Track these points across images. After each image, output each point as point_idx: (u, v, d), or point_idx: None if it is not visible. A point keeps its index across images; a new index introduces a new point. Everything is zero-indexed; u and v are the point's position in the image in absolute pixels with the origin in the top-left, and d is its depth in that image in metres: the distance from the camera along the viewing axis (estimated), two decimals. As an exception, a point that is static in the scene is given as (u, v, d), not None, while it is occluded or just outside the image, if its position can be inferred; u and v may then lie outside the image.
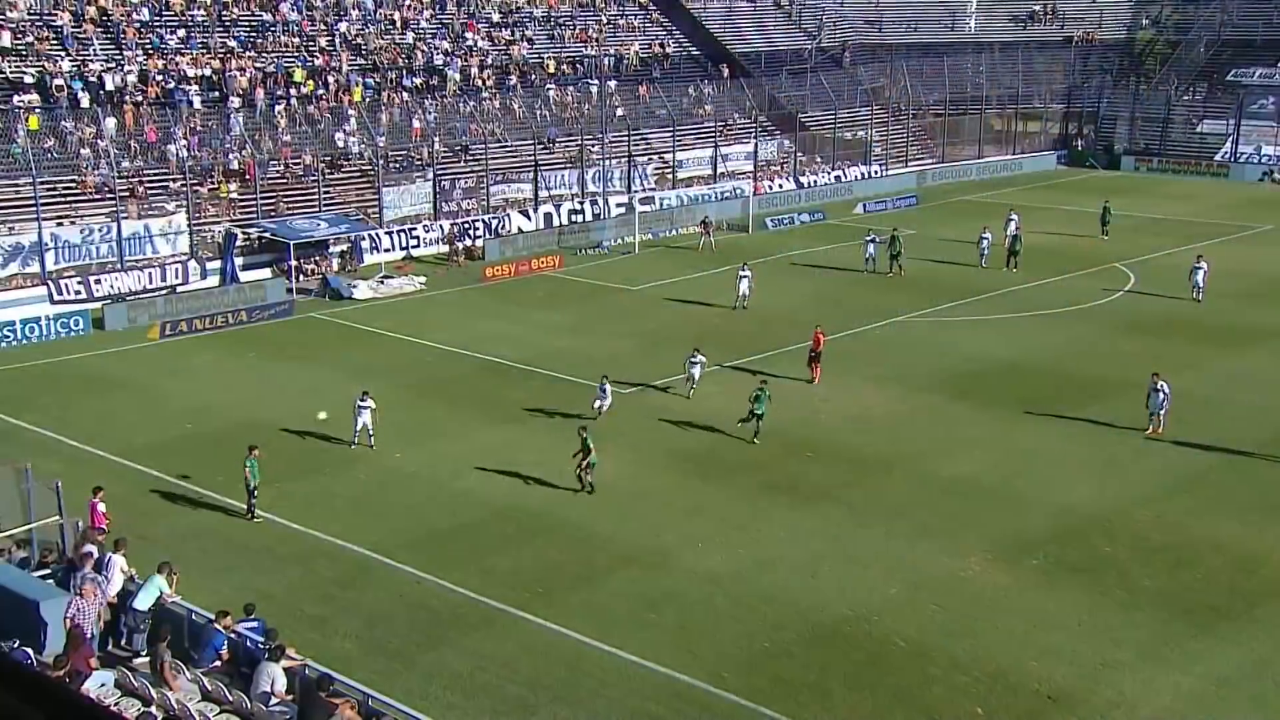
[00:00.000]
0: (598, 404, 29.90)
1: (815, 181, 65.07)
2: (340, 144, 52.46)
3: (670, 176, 60.90)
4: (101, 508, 22.36)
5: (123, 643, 18.30)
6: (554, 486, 26.08)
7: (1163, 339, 36.88)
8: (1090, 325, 39.13)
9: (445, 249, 49.92)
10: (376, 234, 48.92)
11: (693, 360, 31.76)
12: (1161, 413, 29.08)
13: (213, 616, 17.66)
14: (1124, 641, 20.06)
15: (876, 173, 68.29)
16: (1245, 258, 48.38)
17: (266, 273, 45.43)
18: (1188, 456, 27.90)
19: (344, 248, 47.61)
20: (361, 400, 28.32)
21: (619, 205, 56.24)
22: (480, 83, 60.34)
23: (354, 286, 43.84)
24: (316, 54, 57.22)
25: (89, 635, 17.04)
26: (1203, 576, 22.22)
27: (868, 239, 46.90)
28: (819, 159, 67.31)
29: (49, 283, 40.93)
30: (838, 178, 66.33)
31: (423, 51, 60.61)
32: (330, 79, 55.55)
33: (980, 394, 32.29)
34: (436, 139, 54.67)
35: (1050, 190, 66.50)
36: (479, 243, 50.48)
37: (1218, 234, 53.27)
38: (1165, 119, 75.16)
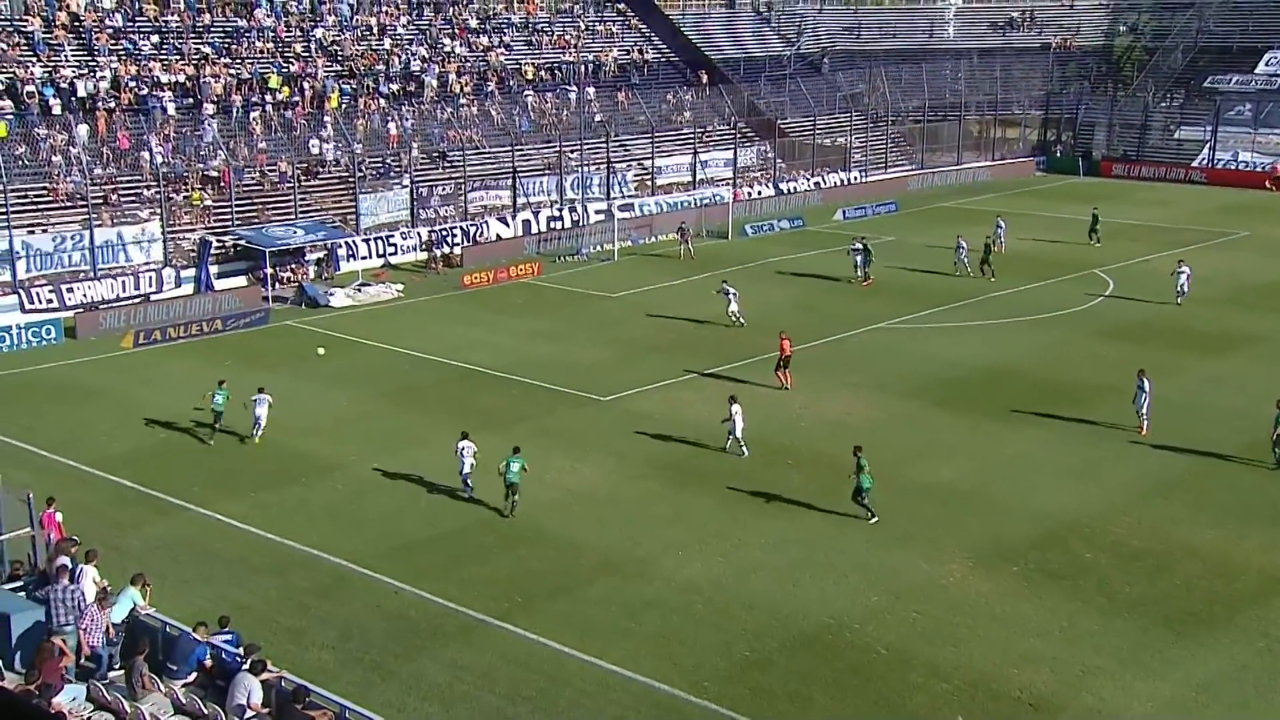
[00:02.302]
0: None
1: (795, 188, 65.26)
2: (316, 151, 52.31)
3: (649, 183, 61.00)
4: (59, 518, 21.98)
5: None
6: (528, 492, 26.02)
7: (1142, 344, 37.12)
8: (1070, 331, 39.35)
9: (423, 256, 49.85)
10: (353, 241, 48.79)
11: (735, 411, 28.06)
12: (1143, 410, 29.41)
13: (190, 629, 17.52)
14: (1104, 648, 20.16)
15: (856, 179, 68.53)
16: (1223, 263, 48.76)
17: (242, 281, 45.24)
18: (1167, 461, 28.07)
19: (320, 255, 47.45)
20: (259, 393, 29.27)
21: (598, 212, 56.25)
22: (458, 89, 60.30)
23: (331, 294, 43.71)
24: (292, 60, 57.07)
25: (100, 650, 17.01)
26: (1182, 583, 22.35)
27: (854, 247, 46.85)
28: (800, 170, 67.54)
29: (20, 291, 40.65)
30: (817, 184, 66.56)
31: (400, 57, 60.53)
32: (306, 85, 55.40)
33: (960, 400, 32.42)
34: (414, 145, 54.59)
35: (1029, 196, 66.86)
36: (457, 250, 50.41)
37: (1196, 240, 53.68)
38: (1143, 125, 75.73)
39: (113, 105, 49.65)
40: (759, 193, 63.75)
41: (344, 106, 55.20)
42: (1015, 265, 48.04)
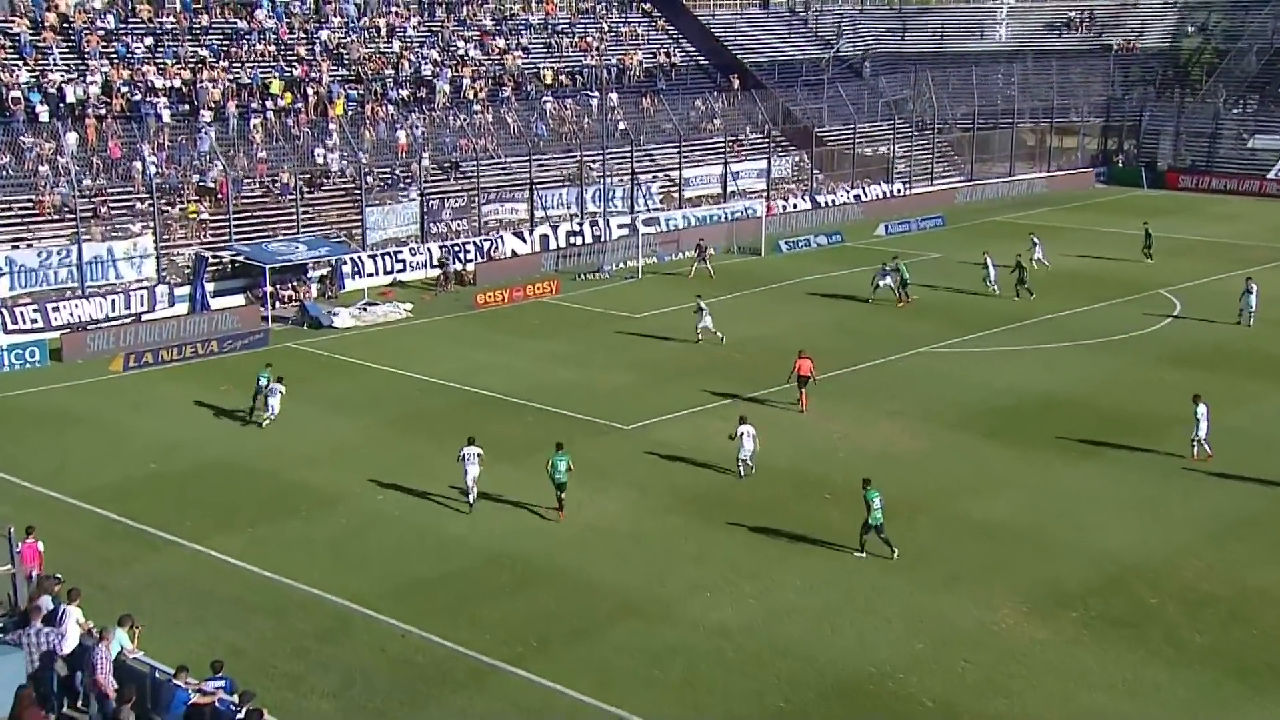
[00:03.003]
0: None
1: (833, 201, 65.29)
2: (320, 160, 52.76)
3: (676, 196, 61.17)
4: (40, 547, 21.92)
5: (79, 704, 18.21)
6: (546, 528, 26.03)
7: (1212, 371, 36.86)
8: (1133, 356, 39.17)
9: (434, 274, 50.10)
10: (359, 258, 49.11)
11: (742, 432, 28.86)
12: (1200, 438, 29.46)
13: (173, 672, 17.56)
14: (1172, 703, 19.95)
15: (899, 191, 68.50)
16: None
17: (240, 299, 45.59)
18: (1241, 498, 27.83)
19: (324, 272, 47.79)
20: (276, 382, 32.98)
21: (621, 227, 56.42)
22: (471, 95, 60.73)
23: (334, 314, 43.98)
24: (295, 64, 57.65)
25: (112, 690, 17.04)
26: (1259, 632, 22.11)
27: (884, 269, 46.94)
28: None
29: (2, 310, 41.06)
30: (857, 197, 66.55)
31: (410, 61, 61.05)
32: (310, 91, 55.95)
33: (1013, 430, 32.29)
34: (424, 155, 54.98)
35: (1088, 210, 66.66)
36: (470, 267, 50.66)
37: (1271, 258, 53.33)
38: (1213, 134, 75.38)
39: (103, 112, 50.26)
40: (794, 206, 63.83)
41: (350, 114, 55.69)
42: (1073, 284, 47.88)
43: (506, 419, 33.35)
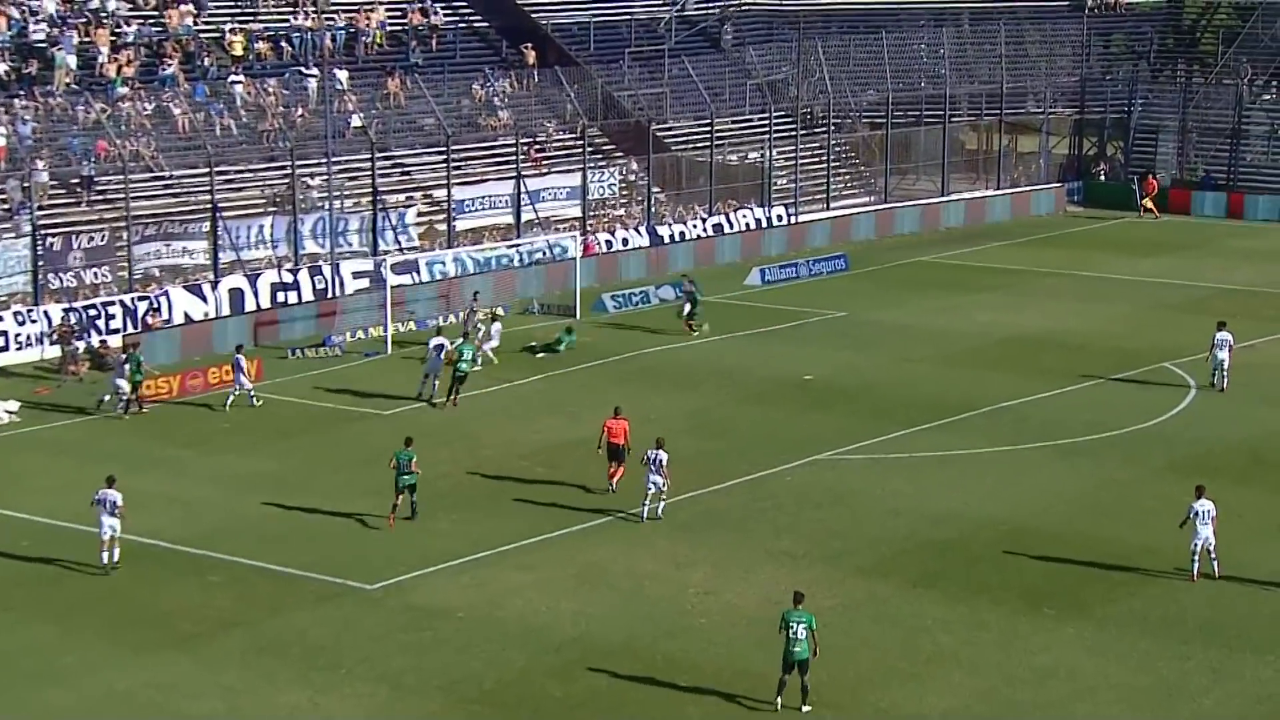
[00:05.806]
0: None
1: (683, 234, 66.12)
2: None
3: (444, 228, 61.19)
4: None
5: None
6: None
7: (1242, 483, 38.14)
8: (1129, 462, 40.33)
9: (57, 352, 49.07)
10: (-68, 328, 47.96)
11: (652, 464, 34.99)
12: (1199, 548, 31.67)
13: None
14: None
15: (780, 219, 69.71)
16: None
17: None
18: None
19: None
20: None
21: (358, 276, 56.22)
22: (114, 71, 60.01)
23: (-112, 420, 42.88)
24: None
25: None
26: None
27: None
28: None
29: None
30: (718, 228, 67.51)
31: (11, 19, 60.09)
32: None
33: (959, 578, 32.87)
34: (38, 165, 53.98)
35: (1058, 247, 68.75)
36: (114, 341, 49.75)
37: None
38: (1234, 130, 78.19)
39: None
40: (624, 242, 64.54)
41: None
42: (1039, 357, 49.43)
43: (176, 581, 32.69)
